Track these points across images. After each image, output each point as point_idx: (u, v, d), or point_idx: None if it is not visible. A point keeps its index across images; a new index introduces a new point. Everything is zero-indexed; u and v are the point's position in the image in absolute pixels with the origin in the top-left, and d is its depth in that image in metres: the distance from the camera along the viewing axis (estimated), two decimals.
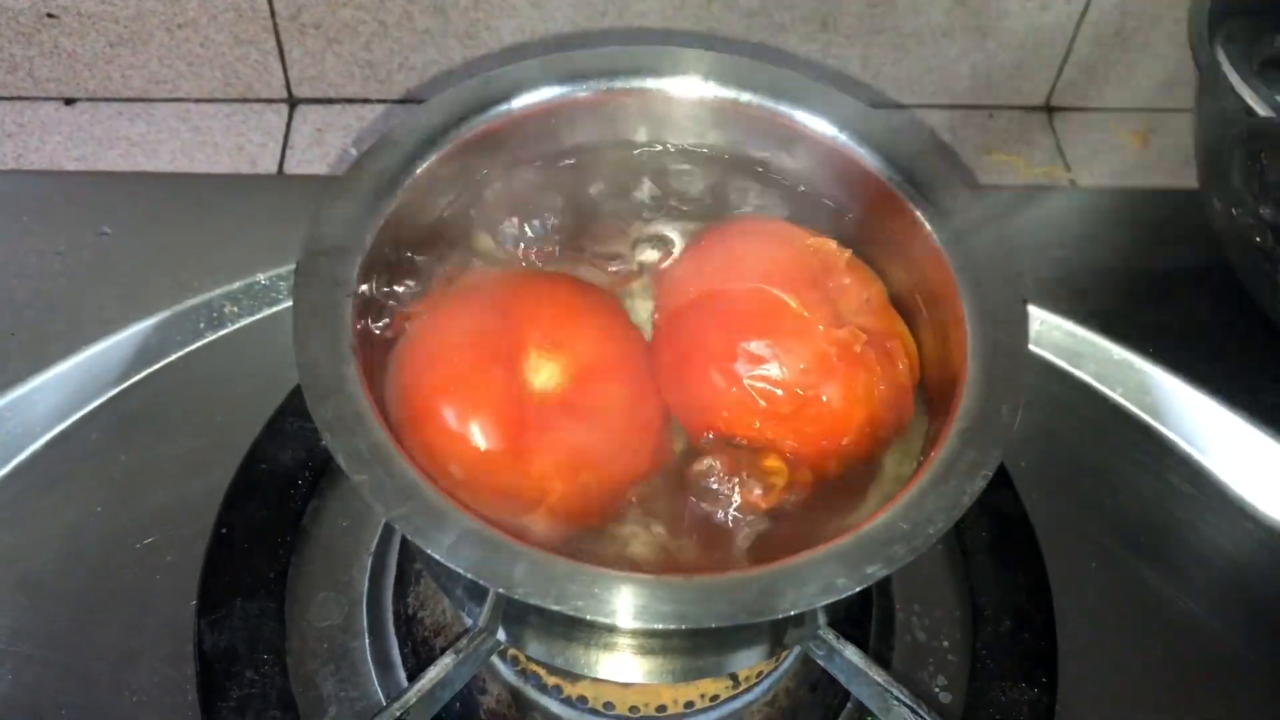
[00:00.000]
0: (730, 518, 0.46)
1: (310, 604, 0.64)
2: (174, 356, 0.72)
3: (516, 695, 0.58)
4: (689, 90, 0.55)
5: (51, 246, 0.76)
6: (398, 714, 0.51)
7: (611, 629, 0.45)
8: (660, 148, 0.57)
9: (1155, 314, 0.77)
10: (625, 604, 0.39)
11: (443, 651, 0.53)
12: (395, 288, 0.50)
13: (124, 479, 0.67)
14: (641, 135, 0.56)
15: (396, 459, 0.42)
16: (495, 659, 0.58)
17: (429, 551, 0.40)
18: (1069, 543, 0.67)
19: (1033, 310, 0.76)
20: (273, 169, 0.84)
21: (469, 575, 0.39)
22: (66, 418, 0.69)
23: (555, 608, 0.39)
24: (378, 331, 0.49)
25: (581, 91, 0.54)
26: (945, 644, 0.64)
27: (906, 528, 0.41)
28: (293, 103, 0.88)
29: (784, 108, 0.55)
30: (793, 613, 0.39)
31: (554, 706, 0.57)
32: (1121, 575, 0.67)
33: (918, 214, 0.51)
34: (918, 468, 0.44)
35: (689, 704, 0.57)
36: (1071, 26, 0.86)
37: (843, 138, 0.53)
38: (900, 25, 0.84)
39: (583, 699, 0.56)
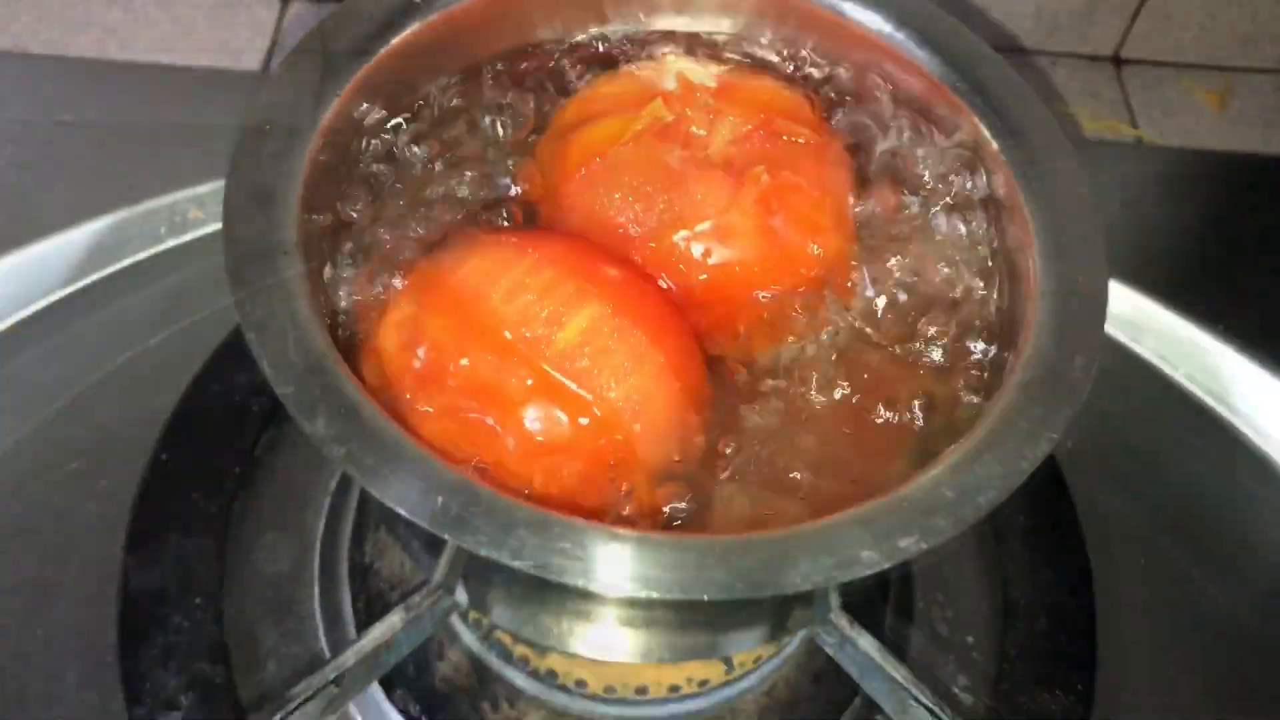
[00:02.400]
0: None
1: (256, 546, 0.57)
2: (129, 260, 0.65)
3: (477, 664, 0.51)
4: None
5: (4, 133, 0.68)
6: (331, 677, 0.43)
7: (586, 594, 0.38)
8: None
9: (1227, 289, 0.69)
10: (600, 564, 0.31)
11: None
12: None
13: (61, 390, 0.60)
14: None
15: (336, 374, 0.34)
16: (456, 621, 0.51)
17: (355, 477, 0.32)
18: (1116, 535, 0.60)
19: None
20: (257, 66, 0.76)
21: (402, 511, 0.31)
22: (6, 318, 0.62)
23: (512, 563, 0.31)
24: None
25: None
26: (970, 639, 0.57)
27: (951, 495, 0.34)
28: None
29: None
30: (804, 588, 0.32)
31: (519, 680, 0.50)
32: (1172, 575, 0.60)
33: (982, 127, 0.43)
34: (973, 420, 0.36)
35: (674, 688, 0.49)
36: None
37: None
38: None
39: (551, 673, 0.49)
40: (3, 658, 0.52)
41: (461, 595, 0.43)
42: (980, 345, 0.41)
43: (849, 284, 0.43)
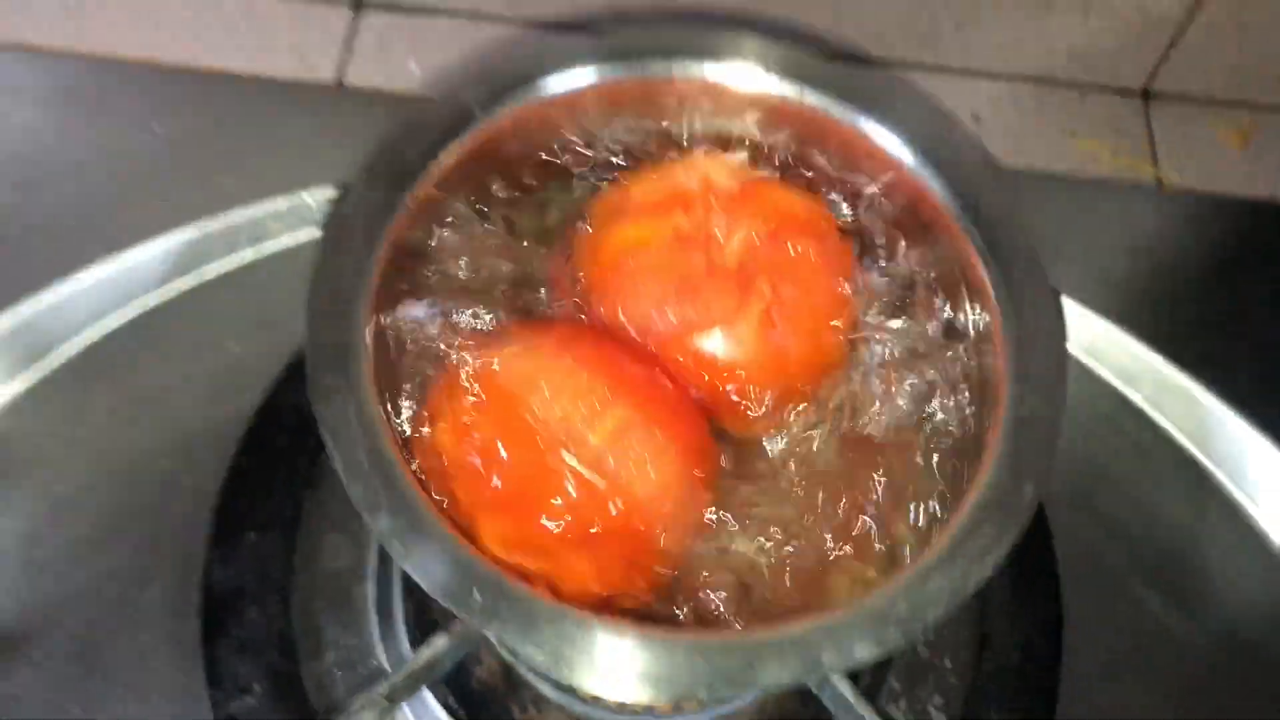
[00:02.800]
0: None
1: (321, 544, 0.64)
2: (213, 270, 0.72)
3: (508, 671, 0.59)
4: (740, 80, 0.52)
5: (100, 141, 0.75)
6: (384, 691, 0.51)
7: None
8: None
9: (1225, 342, 0.73)
10: (594, 658, 0.38)
11: (442, 613, 0.53)
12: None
13: (152, 393, 0.67)
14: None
15: (398, 474, 0.41)
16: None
17: (410, 571, 0.39)
18: (1091, 574, 0.65)
19: (1091, 319, 0.73)
20: (331, 75, 0.82)
21: (445, 603, 0.38)
22: (99, 322, 0.69)
23: (534, 655, 0.38)
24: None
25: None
26: (948, 664, 0.63)
27: (904, 610, 0.40)
28: (358, 5, 0.85)
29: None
30: (773, 686, 0.38)
31: (544, 688, 0.58)
32: (1143, 617, 0.65)
33: (972, 251, 0.48)
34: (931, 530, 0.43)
35: (677, 707, 0.56)
36: (1184, 12, 0.80)
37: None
38: None
39: (572, 688, 0.57)
40: (100, 637, 0.60)
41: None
42: (950, 463, 0.47)
43: (838, 390, 0.49)
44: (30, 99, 0.76)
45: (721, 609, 0.44)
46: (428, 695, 0.58)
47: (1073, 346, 0.71)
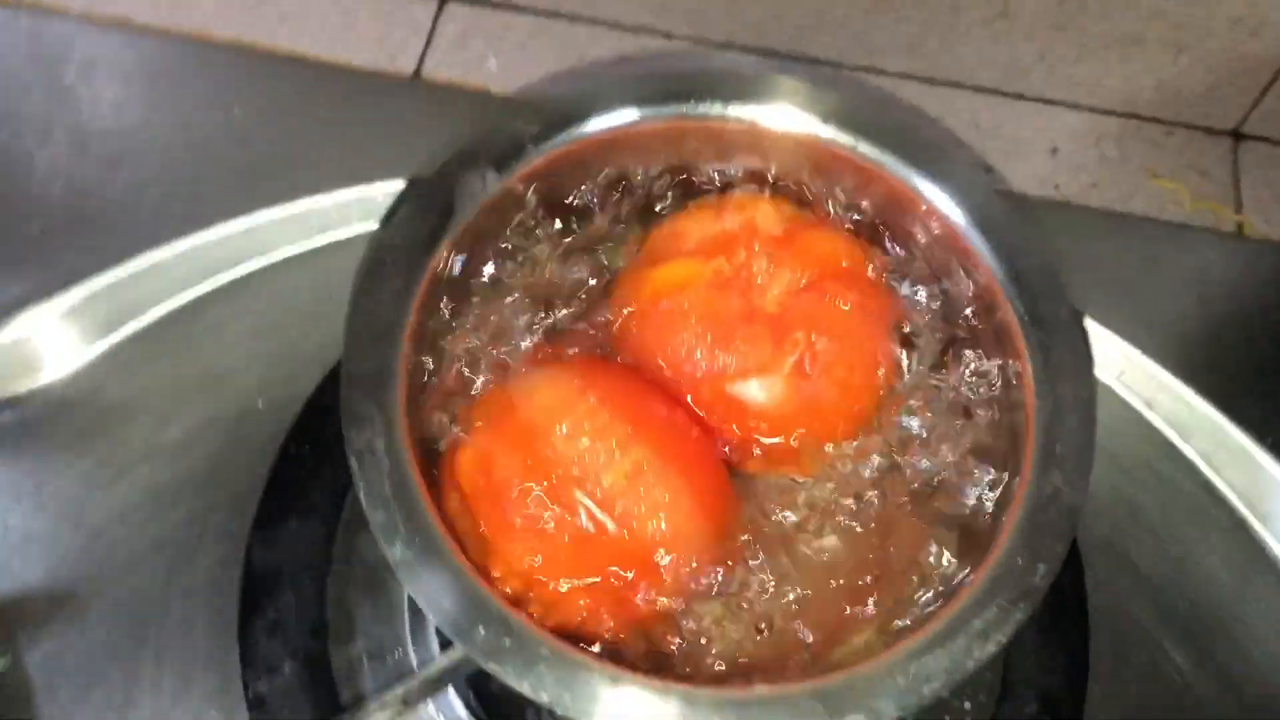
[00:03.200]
0: None
1: (361, 536, 0.66)
2: (280, 255, 0.73)
3: None
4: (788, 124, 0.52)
5: (184, 120, 0.77)
6: (400, 692, 0.52)
7: None
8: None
9: None
10: (592, 704, 0.39)
11: None
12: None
13: (214, 371, 0.70)
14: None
15: (418, 503, 0.42)
16: None
17: (418, 600, 0.40)
18: (1123, 629, 0.65)
19: (1150, 367, 0.71)
20: (411, 67, 0.83)
21: (450, 636, 0.40)
22: (170, 299, 0.71)
23: (523, 689, 0.40)
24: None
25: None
26: (967, 705, 0.63)
27: (900, 683, 0.40)
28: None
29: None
30: None
31: None
32: (1171, 676, 0.64)
33: (1014, 320, 0.48)
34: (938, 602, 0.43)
35: None
36: None
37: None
38: (1087, 25, 0.77)
39: None
40: (145, 606, 0.63)
41: None
42: (968, 534, 0.47)
43: (867, 447, 0.49)
44: (122, 75, 0.78)
45: (719, 661, 0.44)
46: (452, 694, 0.60)
47: (1128, 394, 0.71)
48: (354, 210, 0.74)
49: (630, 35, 0.83)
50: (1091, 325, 0.72)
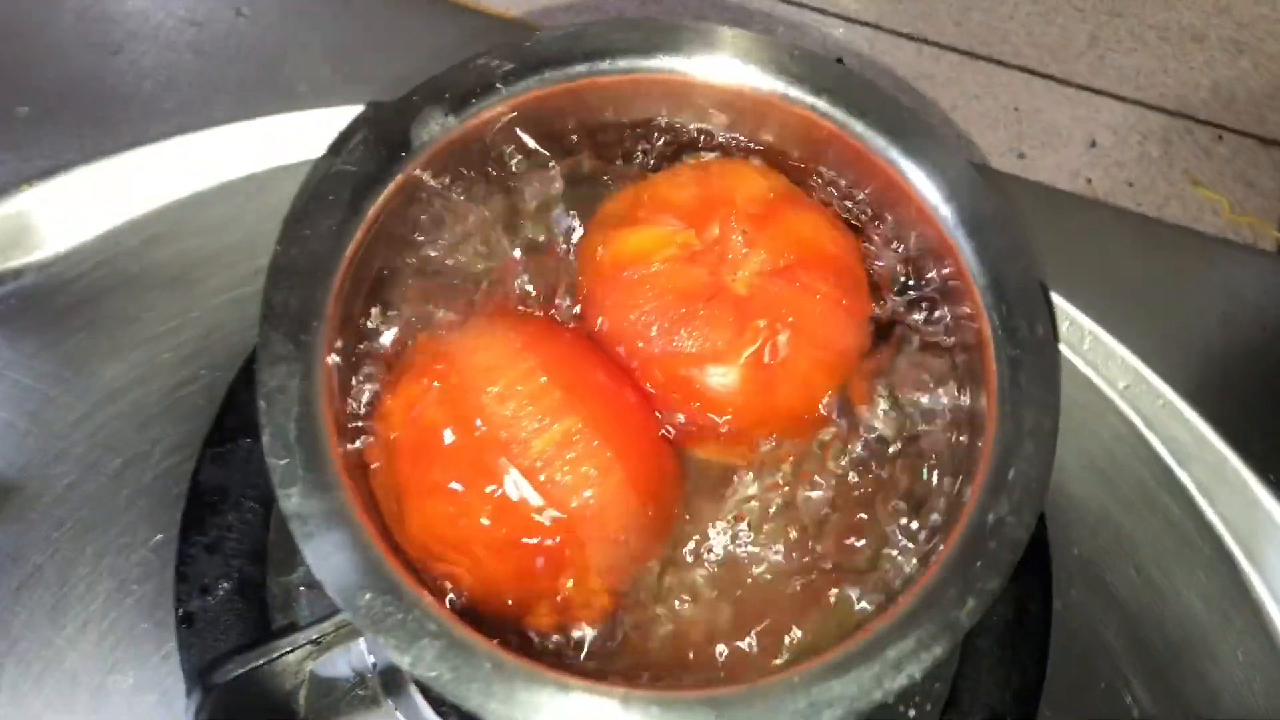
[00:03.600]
0: None
1: None
2: (276, 163, 0.71)
3: None
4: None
5: (188, 15, 0.74)
6: (314, 637, 0.51)
7: None
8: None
9: None
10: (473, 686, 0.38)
11: None
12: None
13: (197, 275, 0.68)
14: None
15: (323, 454, 0.41)
16: None
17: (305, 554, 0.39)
18: (1087, 654, 0.62)
19: (1159, 387, 0.68)
20: None
21: (332, 595, 0.38)
22: (160, 196, 0.70)
23: (404, 666, 0.38)
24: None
25: None
26: (911, 714, 0.61)
27: (802, 704, 0.38)
28: None
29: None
30: None
31: None
32: (1129, 711, 0.62)
33: (988, 329, 0.45)
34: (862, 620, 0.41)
35: None
36: None
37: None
38: (1145, 14, 0.73)
39: None
40: (91, 510, 0.62)
41: None
42: (903, 552, 0.44)
43: (822, 441, 0.46)
44: None
45: (626, 655, 0.42)
46: (416, 696, 0.58)
47: (1129, 410, 0.68)
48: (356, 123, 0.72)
49: None
50: (1101, 334, 0.69)
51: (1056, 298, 0.70)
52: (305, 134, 0.71)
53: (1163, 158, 0.76)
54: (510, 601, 0.44)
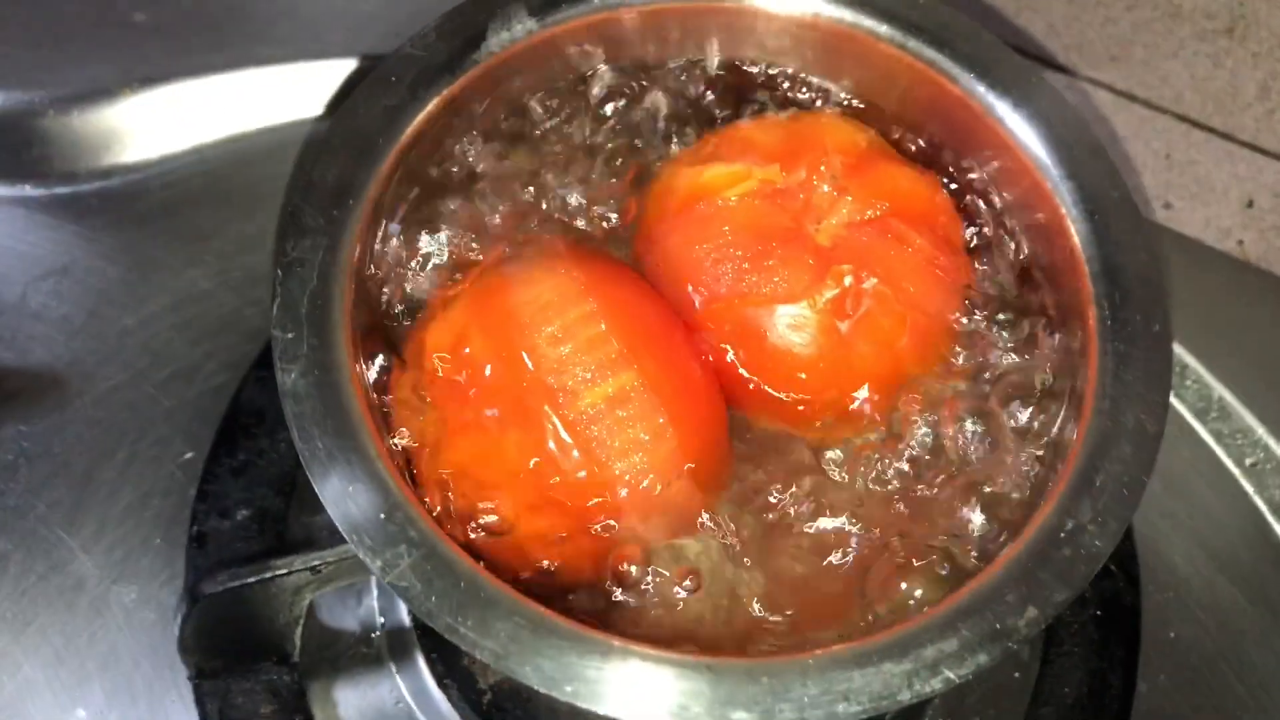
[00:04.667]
0: None
1: None
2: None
3: None
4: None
5: None
6: (313, 564, 0.47)
7: None
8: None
9: None
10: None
11: None
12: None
13: (277, 202, 0.65)
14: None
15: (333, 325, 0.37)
16: None
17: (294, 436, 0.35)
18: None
19: (1264, 439, 0.61)
20: None
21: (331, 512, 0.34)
22: (261, 118, 0.68)
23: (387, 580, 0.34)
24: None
25: None
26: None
27: (814, 691, 0.33)
28: None
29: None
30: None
31: None
32: None
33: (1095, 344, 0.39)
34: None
35: None
36: None
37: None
38: None
39: None
40: (127, 415, 0.60)
41: None
42: (978, 528, 0.39)
43: (900, 410, 0.41)
44: None
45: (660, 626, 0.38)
46: (421, 662, 0.55)
47: (1254, 493, 0.60)
48: None
49: None
50: (1232, 402, 0.62)
51: (1189, 358, 0.63)
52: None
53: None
54: (535, 555, 0.39)
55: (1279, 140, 0.71)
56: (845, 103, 0.47)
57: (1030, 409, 0.40)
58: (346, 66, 0.69)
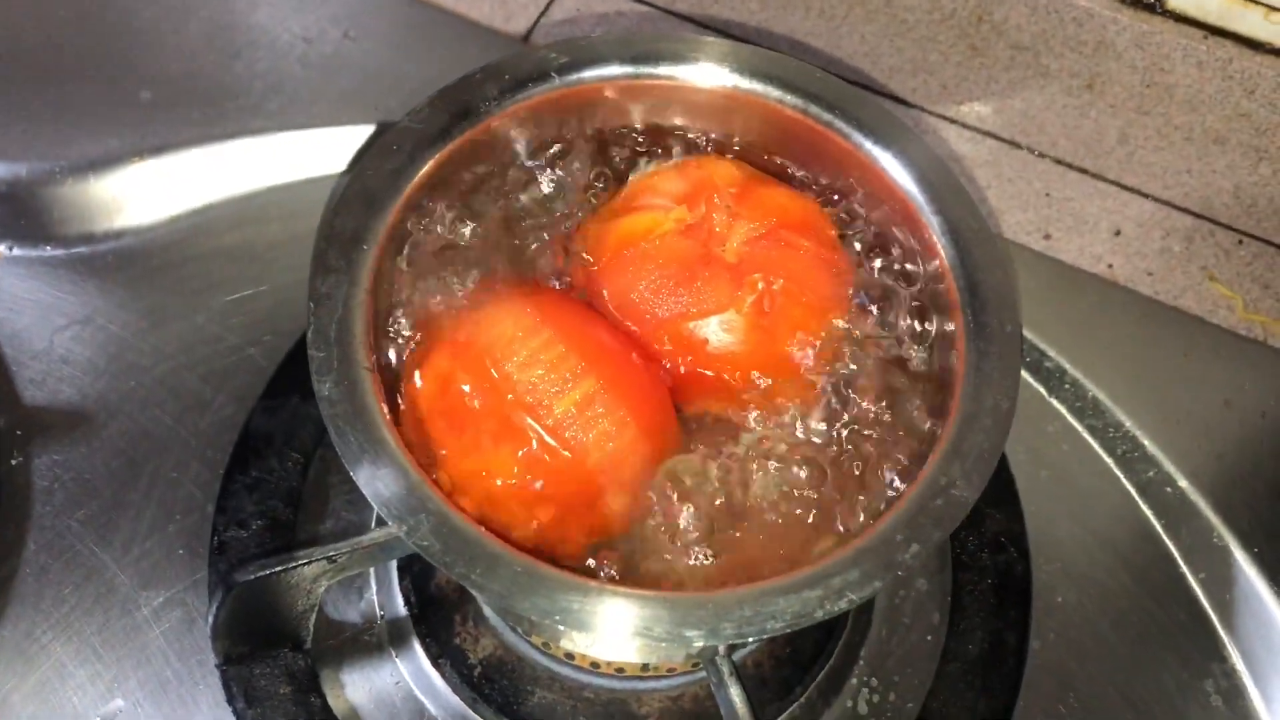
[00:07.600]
0: None
1: None
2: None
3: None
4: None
5: (301, 32, 0.83)
6: (330, 554, 0.56)
7: None
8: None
9: None
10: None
11: None
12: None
13: (273, 255, 0.75)
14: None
15: (358, 348, 0.46)
16: None
17: (335, 441, 0.44)
18: (1056, 696, 0.65)
19: (1155, 454, 0.71)
20: (523, 30, 0.88)
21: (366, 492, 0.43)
22: (255, 182, 0.77)
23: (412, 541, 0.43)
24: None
25: None
26: None
27: (748, 612, 0.42)
28: None
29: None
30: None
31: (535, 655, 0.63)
32: None
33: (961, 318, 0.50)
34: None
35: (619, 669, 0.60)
36: None
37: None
38: (1172, 113, 0.78)
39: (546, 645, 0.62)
40: (149, 445, 0.68)
41: None
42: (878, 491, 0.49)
43: (816, 386, 0.51)
44: None
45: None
46: (418, 648, 0.63)
47: (1125, 478, 0.71)
48: None
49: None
50: (1106, 403, 0.73)
51: (1068, 366, 0.74)
52: None
53: (1183, 253, 0.80)
54: (528, 539, 0.49)
55: (1139, 178, 0.83)
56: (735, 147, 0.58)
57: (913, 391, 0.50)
58: (328, 136, 0.78)
